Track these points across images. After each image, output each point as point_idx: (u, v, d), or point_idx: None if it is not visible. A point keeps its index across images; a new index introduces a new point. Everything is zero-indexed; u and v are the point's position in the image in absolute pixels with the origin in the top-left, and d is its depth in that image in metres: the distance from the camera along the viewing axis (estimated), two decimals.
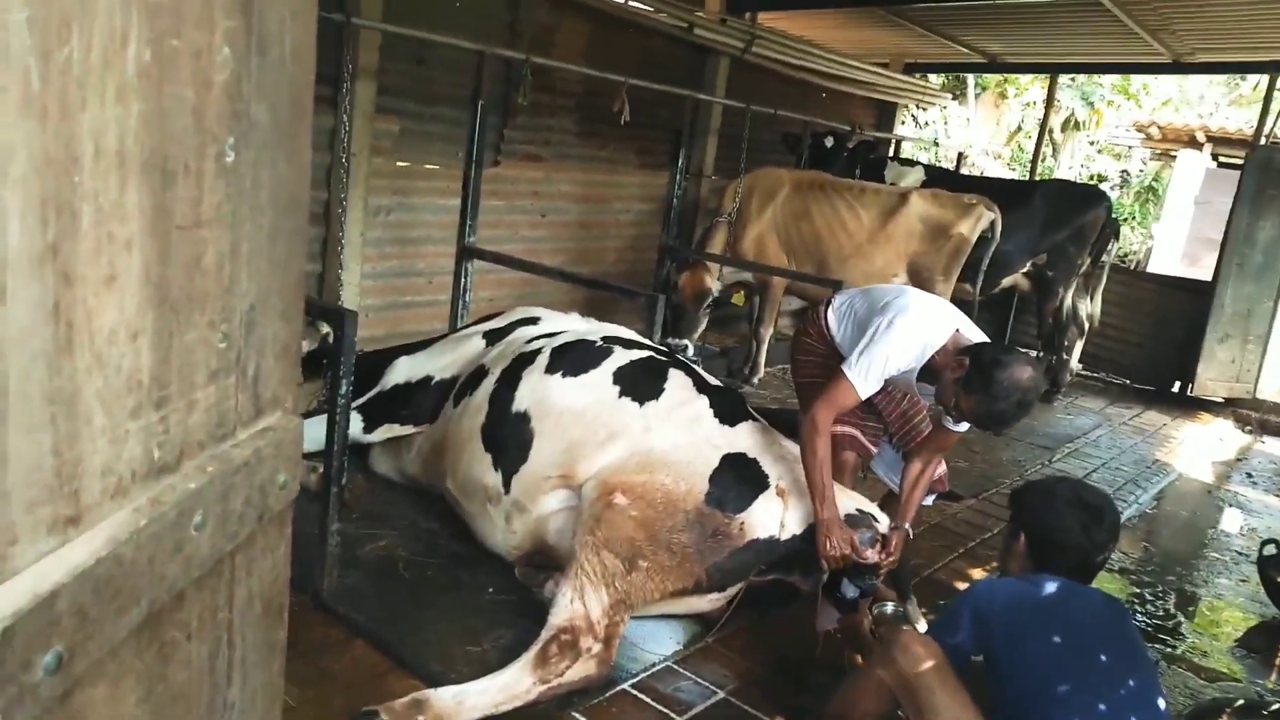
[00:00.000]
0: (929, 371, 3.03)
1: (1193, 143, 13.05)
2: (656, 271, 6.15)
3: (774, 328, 6.59)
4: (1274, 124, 8.36)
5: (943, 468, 3.51)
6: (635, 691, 2.80)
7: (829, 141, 7.77)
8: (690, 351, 5.55)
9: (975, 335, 3.09)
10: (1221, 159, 13.06)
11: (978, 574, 4.03)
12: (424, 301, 5.90)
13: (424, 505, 3.71)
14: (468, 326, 4.31)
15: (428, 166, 5.75)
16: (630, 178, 7.12)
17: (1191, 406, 8.20)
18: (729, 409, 3.22)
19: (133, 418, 0.78)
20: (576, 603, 2.74)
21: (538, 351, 3.42)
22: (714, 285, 6.07)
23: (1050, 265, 7.17)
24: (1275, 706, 3.24)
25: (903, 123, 11.19)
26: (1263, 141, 8.18)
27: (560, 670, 2.63)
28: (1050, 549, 2.40)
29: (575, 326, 3.85)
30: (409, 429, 3.70)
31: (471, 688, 2.51)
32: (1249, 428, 7.90)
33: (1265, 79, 8.62)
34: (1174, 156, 13.92)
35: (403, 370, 3.88)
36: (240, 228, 0.90)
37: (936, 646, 2.31)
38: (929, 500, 3.63)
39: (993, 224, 6.28)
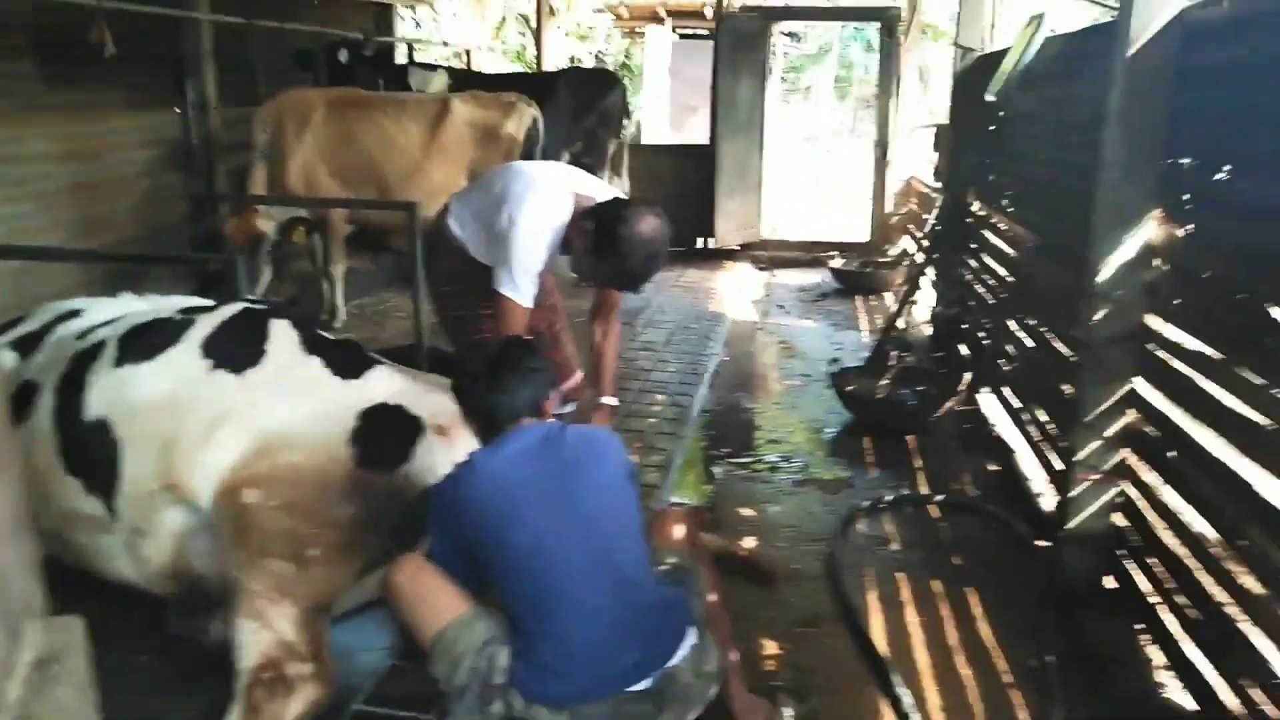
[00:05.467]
0: (564, 242, 2.94)
1: (655, 18, 14.36)
2: (191, 227, 5.27)
3: (344, 263, 6.09)
4: None
5: None
6: (371, 707, 2.51)
7: (343, 55, 7.17)
8: None
9: (595, 191, 3.01)
10: (680, 31, 14.59)
11: None
12: None
13: None
14: None
15: None
16: (122, 121, 5.91)
17: (717, 258, 9.32)
18: (349, 361, 2.79)
19: None
20: (262, 631, 2.33)
21: (101, 344, 2.72)
22: (268, 227, 5.38)
23: (586, 152, 7.50)
24: (890, 498, 3.88)
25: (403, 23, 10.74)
26: (725, 9, 9.23)
27: (280, 712, 2.26)
28: (481, 418, 2.34)
29: (136, 307, 3.11)
30: None
31: None
32: (763, 266, 9.19)
33: None
34: (641, 34, 15.22)
35: None
36: None
37: (418, 559, 2.21)
38: None
39: (535, 120, 6.34)
